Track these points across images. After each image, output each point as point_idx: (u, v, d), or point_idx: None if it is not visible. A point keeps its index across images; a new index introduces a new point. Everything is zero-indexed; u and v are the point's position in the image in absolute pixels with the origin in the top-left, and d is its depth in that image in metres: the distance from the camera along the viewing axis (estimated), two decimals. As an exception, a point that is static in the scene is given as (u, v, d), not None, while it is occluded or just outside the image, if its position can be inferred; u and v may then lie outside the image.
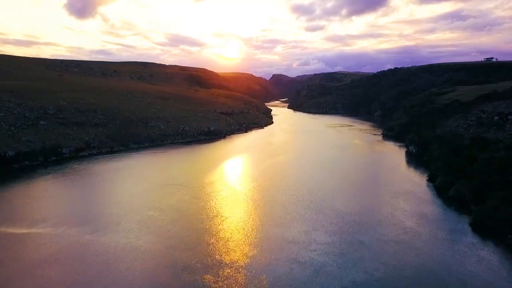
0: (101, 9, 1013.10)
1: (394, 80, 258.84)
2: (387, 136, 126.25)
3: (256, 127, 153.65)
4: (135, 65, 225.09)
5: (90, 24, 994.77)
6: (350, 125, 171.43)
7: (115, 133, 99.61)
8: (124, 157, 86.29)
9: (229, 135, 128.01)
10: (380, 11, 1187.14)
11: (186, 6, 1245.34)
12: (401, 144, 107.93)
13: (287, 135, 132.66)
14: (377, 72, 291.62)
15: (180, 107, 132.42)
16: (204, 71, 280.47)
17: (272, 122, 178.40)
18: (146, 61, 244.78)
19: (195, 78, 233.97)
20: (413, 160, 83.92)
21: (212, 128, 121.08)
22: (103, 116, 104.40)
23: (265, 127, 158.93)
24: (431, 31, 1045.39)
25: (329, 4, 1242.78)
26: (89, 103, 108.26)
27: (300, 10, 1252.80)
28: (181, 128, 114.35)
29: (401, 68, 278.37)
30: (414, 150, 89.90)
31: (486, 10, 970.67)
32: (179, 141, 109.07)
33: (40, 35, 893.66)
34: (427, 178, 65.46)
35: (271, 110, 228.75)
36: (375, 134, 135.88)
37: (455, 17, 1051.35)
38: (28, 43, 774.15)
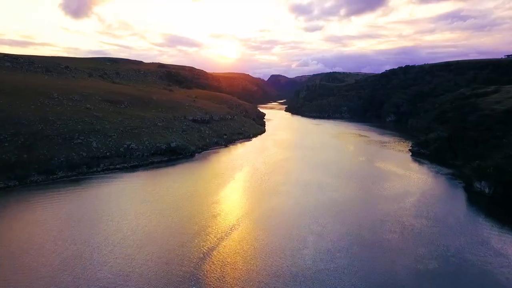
0: (96, 9, 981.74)
1: (405, 80, 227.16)
2: (419, 155, 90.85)
3: (241, 139, 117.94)
4: (102, 62, 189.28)
5: (86, 25, 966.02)
6: (362, 135, 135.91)
7: (10, 158, 63.66)
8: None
9: (199, 152, 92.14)
10: (379, 10, 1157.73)
11: (183, 7, 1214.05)
12: (448, 171, 72.79)
13: (281, 153, 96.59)
14: (387, 70, 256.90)
15: (134, 114, 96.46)
16: (190, 69, 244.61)
17: (264, 131, 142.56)
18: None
19: (175, 77, 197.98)
20: (496, 213, 48.07)
21: (173, 145, 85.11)
22: (0, 129, 68.46)
23: (253, 139, 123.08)
24: (431, 31, 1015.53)
25: (328, 4, 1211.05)
26: (-16, 109, 72.40)
27: (298, 10, 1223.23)
28: (125, 145, 78.34)
29: (413, 66, 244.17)
30: (487, 191, 54.09)
31: (486, 10, 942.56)
32: (117, 166, 72.82)
33: (36, 36, 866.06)
34: None
35: (265, 114, 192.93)
36: (400, 150, 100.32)
37: (455, 18, 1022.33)
38: (24, 44, 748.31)
